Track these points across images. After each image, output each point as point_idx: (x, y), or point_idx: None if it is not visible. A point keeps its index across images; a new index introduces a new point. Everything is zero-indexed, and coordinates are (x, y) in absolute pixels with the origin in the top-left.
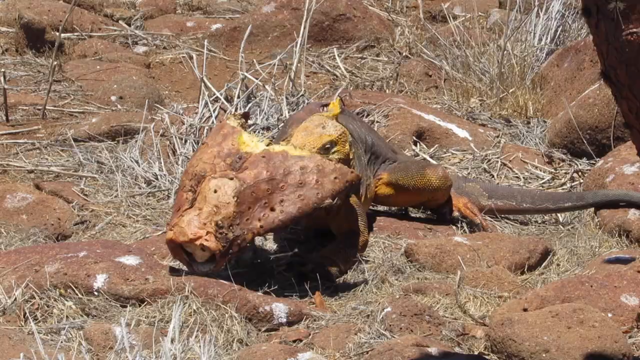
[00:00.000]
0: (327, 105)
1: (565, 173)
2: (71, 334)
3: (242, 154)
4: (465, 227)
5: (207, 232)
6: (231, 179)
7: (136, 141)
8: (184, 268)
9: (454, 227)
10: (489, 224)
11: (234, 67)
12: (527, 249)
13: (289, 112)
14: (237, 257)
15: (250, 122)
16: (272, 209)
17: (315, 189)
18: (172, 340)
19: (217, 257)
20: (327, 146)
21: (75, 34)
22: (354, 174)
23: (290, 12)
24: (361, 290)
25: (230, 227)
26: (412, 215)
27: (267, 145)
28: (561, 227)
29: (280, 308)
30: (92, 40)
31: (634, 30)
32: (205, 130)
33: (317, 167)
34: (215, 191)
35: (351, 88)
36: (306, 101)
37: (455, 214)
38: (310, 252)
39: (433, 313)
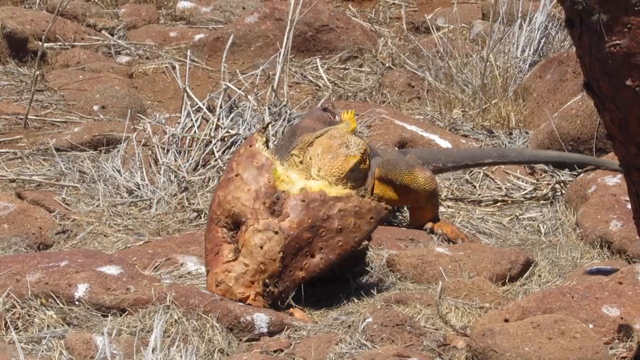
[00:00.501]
0: (328, 110)
1: (548, 184)
2: (52, 344)
3: (280, 193)
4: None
5: (256, 293)
6: (276, 232)
7: (118, 151)
8: (165, 278)
9: (435, 238)
10: (471, 235)
11: (216, 77)
12: (508, 260)
13: (271, 123)
14: None
15: (232, 132)
16: (313, 256)
17: (353, 233)
18: (154, 350)
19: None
20: (353, 168)
21: (58, 43)
22: (387, 211)
23: (273, 22)
24: (342, 301)
25: (276, 284)
26: (394, 225)
27: (302, 179)
28: (543, 238)
29: (261, 318)
30: (75, 50)
31: (617, 42)
32: (187, 140)
33: (355, 209)
34: (262, 247)
35: (334, 98)
36: (289, 111)
37: (439, 231)
38: None
39: (414, 323)
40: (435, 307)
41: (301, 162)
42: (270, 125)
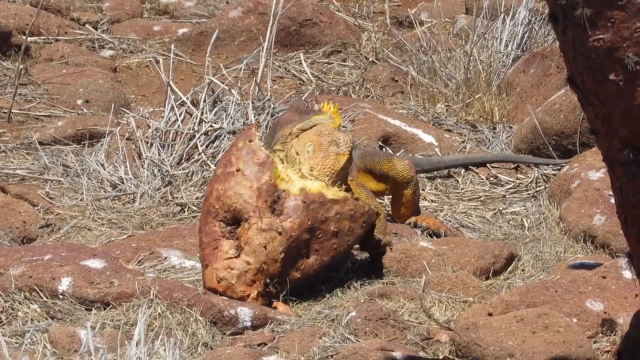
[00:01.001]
0: (310, 103)
1: (531, 179)
2: (36, 337)
3: (280, 192)
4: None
5: (257, 292)
6: (280, 233)
7: (102, 145)
8: (149, 271)
9: (418, 232)
10: (454, 229)
11: (200, 72)
12: (492, 254)
13: (254, 117)
14: None
15: (216, 126)
16: (308, 257)
17: (347, 236)
18: (137, 344)
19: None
20: (343, 167)
21: (42, 37)
22: (378, 215)
23: (257, 17)
24: (326, 295)
25: (275, 283)
26: None
27: (300, 179)
28: (526, 232)
29: (245, 312)
30: (59, 44)
31: (601, 36)
32: (171, 134)
33: (350, 213)
34: (265, 247)
35: (317, 93)
36: (272, 106)
37: (422, 224)
38: None
39: (398, 317)
40: (419, 301)
41: (286, 157)
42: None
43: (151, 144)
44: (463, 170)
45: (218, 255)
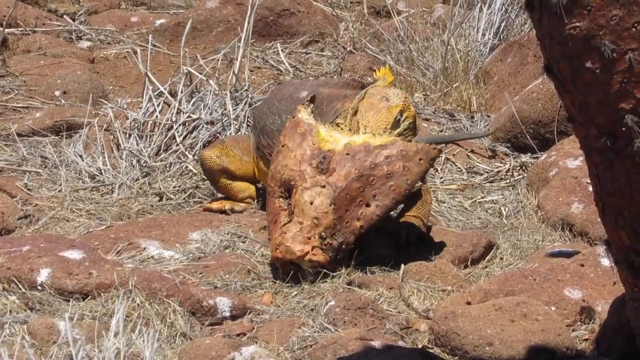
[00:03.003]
0: (364, 78)
1: (509, 167)
2: (14, 329)
3: (325, 152)
4: None
5: (313, 247)
6: (323, 186)
7: (80, 136)
8: (127, 262)
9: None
10: (433, 219)
11: (178, 62)
12: (470, 243)
13: (232, 107)
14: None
15: (194, 116)
16: (368, 205)
17: (404, 176)
18: (116, 334)
19: (327, 267)
20: (397, 118)
21: (19, 29)
22: (436, 150)
23: (234, 7)
24: (305, 284)
25: (333, 235)
26: None
27: (346, 137)
28: (505, 220)
29: (224, 302)
30: (36, 35)
31: (577, 24)
32: (149, 125)
33: (401, 153)
34: (312, 203)
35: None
36: (250, 95)
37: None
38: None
39: (377, 307)
40: (397, 290)
41: (349, 130)
42: (315, 97)
43: (129, 135)
44: (443, 158)
45: (277, 227)
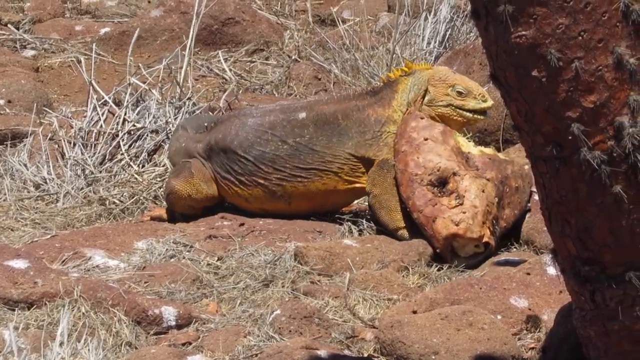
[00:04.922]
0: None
1: None
2: None
3: (467, 154)
4: (354, 231)
5: (490, 231)
6: (488, 180)
7: (24, 145)
8: (73, 271)
9: (343, 230)
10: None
11: (122, 71)
12: (416, 252)
13: (174, 116)
14: None
15: (138, 125)
16: (504, 208)
17: (523, 194)
18: (61, 344)
19: (485, 251)
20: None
21: None
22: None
23: (179, 16)
24: (250, 293)
25: (496, 225)
26: (301, 219)
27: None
28: None
29: (169, 311)
30: None
31: (523, 32)
32: (94, 134)
33: (520, 172)
34: (483, 191)
35: (240, 91)
36: (189, 104)
37: None
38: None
39: (323, 316)
40: (343, 299)
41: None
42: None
43: (74, 144)
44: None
45: (442, 209)
